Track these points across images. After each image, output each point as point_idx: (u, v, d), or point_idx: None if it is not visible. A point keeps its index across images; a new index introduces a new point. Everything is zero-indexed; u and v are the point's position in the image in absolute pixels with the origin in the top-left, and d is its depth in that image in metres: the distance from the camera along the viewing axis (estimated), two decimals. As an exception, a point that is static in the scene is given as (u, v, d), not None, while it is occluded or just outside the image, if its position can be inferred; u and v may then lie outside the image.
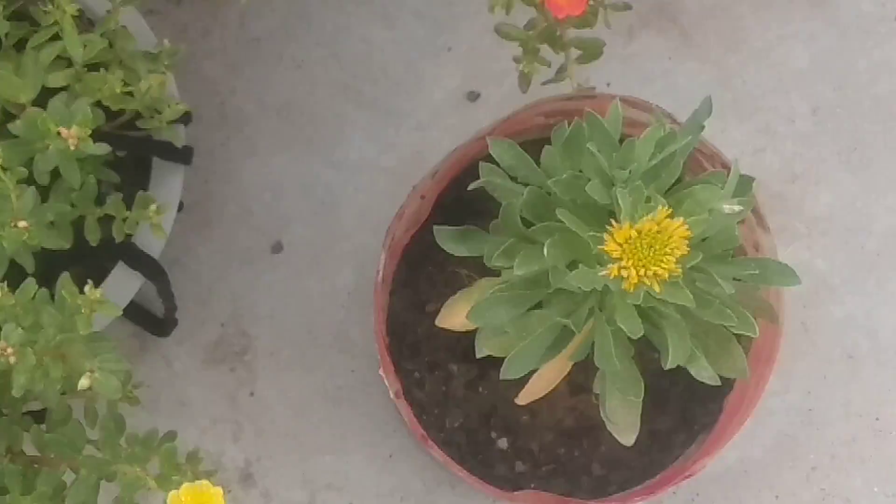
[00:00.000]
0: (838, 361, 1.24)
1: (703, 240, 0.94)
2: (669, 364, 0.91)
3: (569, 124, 0.91)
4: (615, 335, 0.92)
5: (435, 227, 0.97)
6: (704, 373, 0.94)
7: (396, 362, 1.09)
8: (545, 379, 1.03)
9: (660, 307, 0.92)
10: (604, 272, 0.82)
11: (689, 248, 0.83)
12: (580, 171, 0.94)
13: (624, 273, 0.82)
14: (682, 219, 0.89)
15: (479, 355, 0.97)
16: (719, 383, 0.95)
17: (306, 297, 1.24)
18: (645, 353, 0.97)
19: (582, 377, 1.07)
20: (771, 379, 1.06)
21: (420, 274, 1.09)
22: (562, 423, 1.11)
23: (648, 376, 0.96)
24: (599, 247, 0.83)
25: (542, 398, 1.07)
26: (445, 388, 1.11)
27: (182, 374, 1.24)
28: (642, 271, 0.82)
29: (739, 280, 0.96)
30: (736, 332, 0.94)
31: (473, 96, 1.25)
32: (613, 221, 0.83)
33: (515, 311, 0.94)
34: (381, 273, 1.04)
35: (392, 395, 1.03)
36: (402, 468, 1.21)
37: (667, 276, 0.82)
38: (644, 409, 1.06)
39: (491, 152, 0.96)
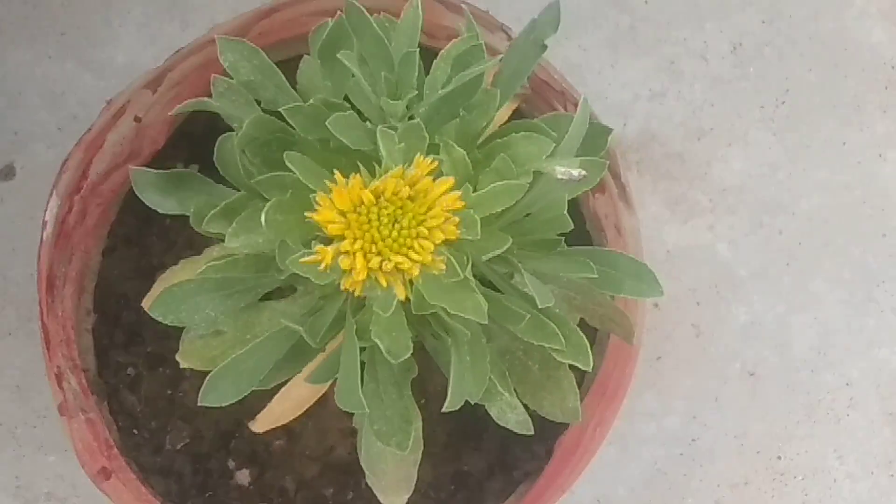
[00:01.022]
0: (736, 379, 1.03)
1: (526, 215, 0.62)
2: (448, 406, 0.60)
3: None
4: (375, 354, 0.60)
5: (131, 169, 0.65)
6: (511, 416, 0.64)
7: (102, 352, 0.76)
8: (294, 398, 0.72)
9: (444, 316, 0.60)
10: (309, 257, 0.51)
11: (458, 230, 0.52)
12: (346, 98, 0.62)
13: (344, 261, 0.51)
14: (491, 183, 0.58)
15: (182, 365, 0.65)
16: (531, 431, 0.64)
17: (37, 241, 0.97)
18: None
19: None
20: (616, 419, 0.76)
21: (153, 227, 0.78)
22: (332, 453, 0.81)
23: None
24: (307, 215, 0.51)
25: (303, 415, 0.75)
26: (171, 391, 0.79)
27: None
28: (376, 259, 0.51)
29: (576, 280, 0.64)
30: (562, 359, 0.62)
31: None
32: (337, 176, 0.52)
33: (228, 304, 0.62)
34: (48, 226, 0.71)
35: (56, 408, 0.71)
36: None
37: (416, 271, 0.51)
38: (448, 443, 0.76)
39: (221, 59, 0.64)
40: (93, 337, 0.81)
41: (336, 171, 0.54)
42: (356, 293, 0.55)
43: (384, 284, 0.54)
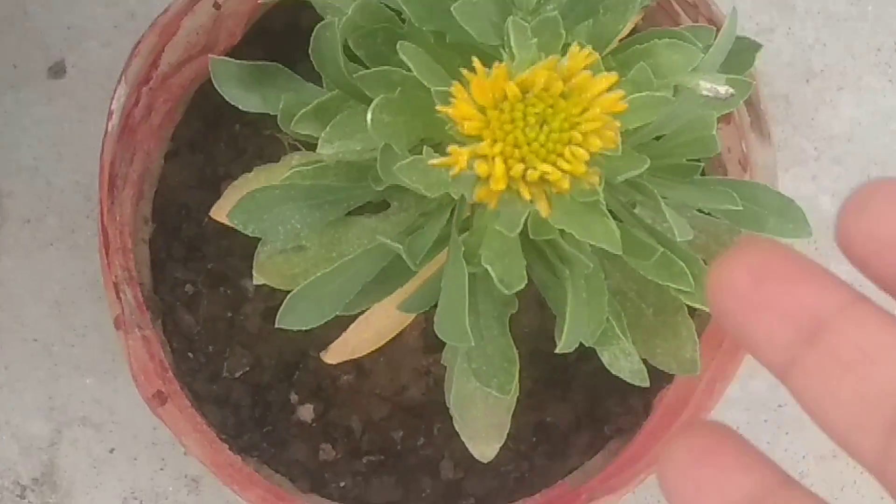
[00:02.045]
0: None
1: (657, 138, 0.55)
2: (562, 347, 0.52)
3: None
4: (476, 283, 0.53)
5: (211, 59, 0.57)
6: (625, 363, 0.57)
7: (159, 266, 0.69)
8: (374, 328, 0.65)
9: (563, 243, 0.53)
10: (438, 160, 0.44)
11: (618, 139, 0.44)
12: None
13: (480, 166, 0.43)
14: (630, 95, 0.51)
15: (255, 282, 0.57)
16: (646, 382, 0.56)
17: (90, 145, 0.91)
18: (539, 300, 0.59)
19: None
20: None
21: (220, 133, 0.70)
22: (404, 393, 0.73)
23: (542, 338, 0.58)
24: (440, 108, 0.44)
25: (376, 351, 0.68)
26: (231, 314, 0.71)
27: None
28: (518, 167, 0.43)
29: (708, 215, 0.57)
30: (690, 303, 0.55)
31: None
32: (476, 65, 0.44)
33: (315, 216, 0.54)
34: (114, 117, 0.63)
35: (112, 321, 0.63)
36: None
37: (567, 183, 0.44)
38: (533, 391, 0.69)
39: None
40: (149, 249, 0.73)
41: (474, 58, 0.46)
42: (492, 206, 0.47)
43: (527, 197, 0.46)
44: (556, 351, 0.53)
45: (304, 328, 0.55)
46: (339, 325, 0.69)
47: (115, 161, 0.66)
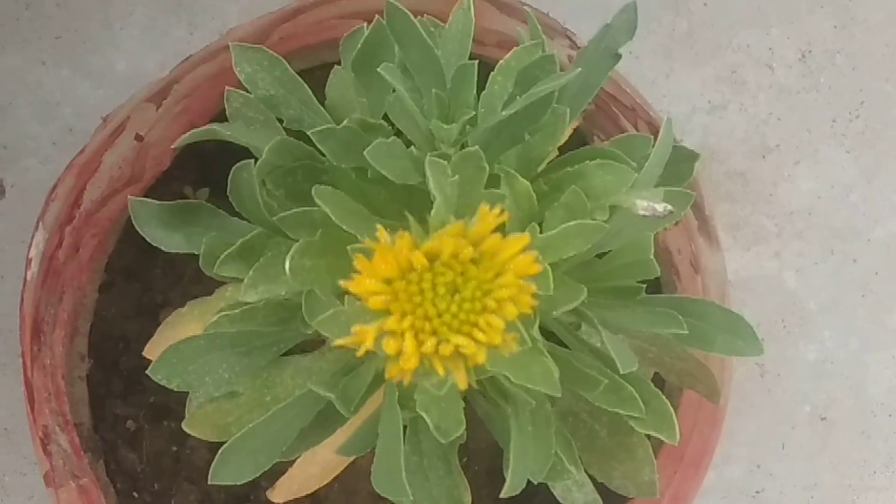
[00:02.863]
0: (805, 424, 0.95)
1: (597, 256, 0.53)
2: (507, 490, 0.50)
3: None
4: (419, 423, 0.51)
5: (130, 200, 0.55)
6: (579, 495, 0.55)
7: (98, 404, 0.67)
8: (320, 463, 0.62)
9: (503, 382, 0.50)
10: (343, 339, 0.41)
11: (533, 302, 0.42)
12: (384, 117, 0.52)
13: (388, 344, 0.41)
14: (561, 222, 0.49)
15: (188, 430, 0.55)
16: None
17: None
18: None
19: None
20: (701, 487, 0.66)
21: (156, 259, 0.69)
22: None
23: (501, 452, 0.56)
24: (342, 282, 0.42)
25: (334, 480, 0.66)
26: (176, 448, 0.69)
27: None
28: (431, 341, 0.41)
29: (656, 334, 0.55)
30: (641, 429, 0.53)
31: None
32: (380, 234, 0.42)
33: (244, 363, 0.52)
34: (33, 264, 0.61)
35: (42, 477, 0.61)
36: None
37: (482, 356, 0.41)
38: None
39: (236, 70, 0.54)
40: (87, 386, 0.72)
41: (379, 227, 0.43)
42: (405, 384, 0.45)
43: (441, 372, 0.44)
44: (502, 496, 0.51)
45: (238, 483, 0.53)
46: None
47: (40, 307, 0.64)
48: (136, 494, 0.71)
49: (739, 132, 0.97)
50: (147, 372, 0.54)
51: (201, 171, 0.71)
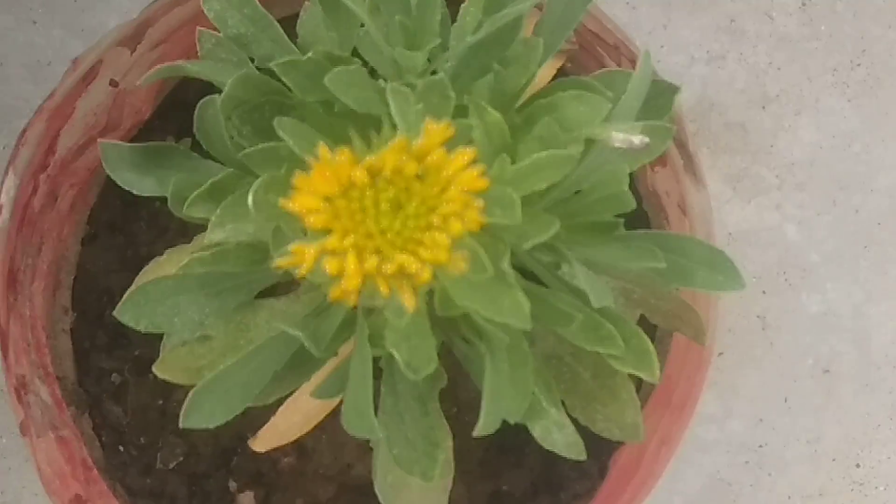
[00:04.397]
0: (808, 378, 0.93)
1: (576, 193, 0.52)
2: (480, 429, 0.49)
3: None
4: (394, 363, 0.50)
5: (100, 142, 0.54)
6: (559, 436, 0.53)
7: (82, 357, 0.66)
8: (302, 411, 0.62)
9: (476, 318, 0.49)
10: (283, 259, 0.41)
11: (481, 216, 0.41)
12: (354, 52, 0.51)
13: (330, 263, 0.40)
14: (534, 153, 0.48)
15: (158, 373, 0.54)
16: (582, 455, 0.53)
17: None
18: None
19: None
20: (695, 417, 0.66)
21: (140, 211, 0.69)
22: (350, 472, 0.71)
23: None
24: (282, 202, 0.41)
25: (317, 428, 0.65)
26: (162, 402, 0.68)
27: None
28: (373, 260, 0.40)
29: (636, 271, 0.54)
30: (621, 368, 0.51)
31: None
32: (320, 150, 0.41)
33: (215, 305, 0.52)
34: (3, 210, 0.60)
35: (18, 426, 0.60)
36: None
37: (427, 274, 0.40)
38: (485, 459, 0.67)
39: (204, 8, 0.53)
40: (71, 339, 0.70)
41: (321, 144, 0.42)
42: (350, 304, 0.43)
43: (385, 292, 0.43)
44: (474, 434, 0.50)
45: (209, 427, 0.52)
46: (274, 406, 0.66)
47: (15, 256, 0.63)
48: (121, 448, 0.70)
49: (739, 82, 0.96)
50: (114, 313, 0.53)
51: (183, 121, 0.70)
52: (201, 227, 0.67)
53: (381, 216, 0.42)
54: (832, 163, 0.95)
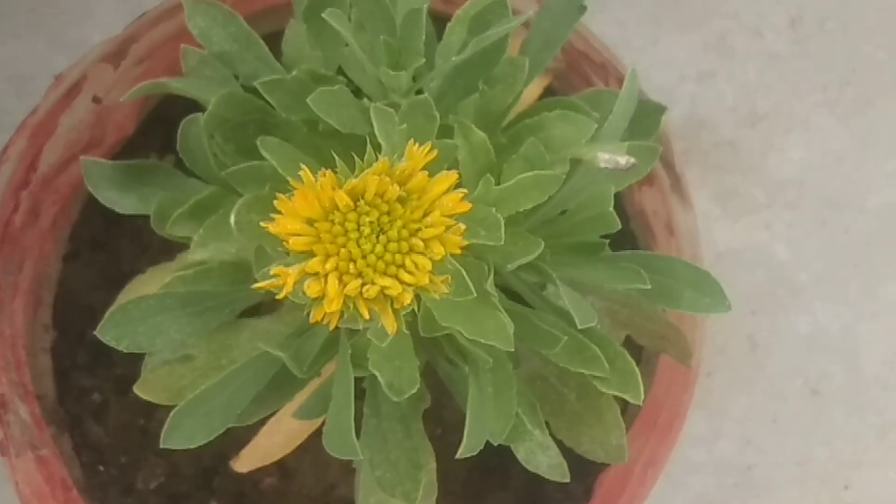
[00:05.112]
0: (797, 398, 0.92)
1: (561, 213, 0.51)
2: (462, 451, 0.48)
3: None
4: (377, 384, 0.49)
5: (82, 159, 0.54)
6: (543, 458, 0.53)
7: (63, 376, 0.66)
8: (285, 431, 0.61)
9: (459, 339, 0.49)
10: (263, 282, 0.40)
11: (463, 240, 0.41)
12: (339, 71, 0.51)
13: (311, 287, 0.40)
14: (519, 174, 0.48)
15: (139, 393, 0.54)
16: (566, 478, 0.53)
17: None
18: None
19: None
20: (681, 436, 0.66)
21: (123, 228, 0.68)
22: (333, 492, 0.70)
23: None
24: (263, 225, 0.40)
25: (299, 448, 0.64)
26: (143, 421, 0.68)
27: None
28: (355, 283, 0.39)
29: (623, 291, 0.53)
30: (605, 390, 0.51)
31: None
32: (304, 173, 0.40)
33: (197, 324, 0.51)
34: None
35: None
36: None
37: (408, 298, 0.40)
38: (469, 480, 0.69)
39: (189, 25, 0.52)
40: (52, 357, 0.70)
41: (303, 167, 0.42)
42: (331, 327, 0.43)
43: (366, 315, 0.42)
44: (458, 456, 0.49)
45: (189, 447, 0.51)
46: (256, 426, 0.65)
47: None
48: (101, 468, 0.70)
49: (728, 100, 0.96)
50: (95, 332, 0.52)
51: (167, 138, 0.69)
52: (184, 245, 0.66)
53: (362, 240, 0.42)
54: (822, 182, 0.95)
